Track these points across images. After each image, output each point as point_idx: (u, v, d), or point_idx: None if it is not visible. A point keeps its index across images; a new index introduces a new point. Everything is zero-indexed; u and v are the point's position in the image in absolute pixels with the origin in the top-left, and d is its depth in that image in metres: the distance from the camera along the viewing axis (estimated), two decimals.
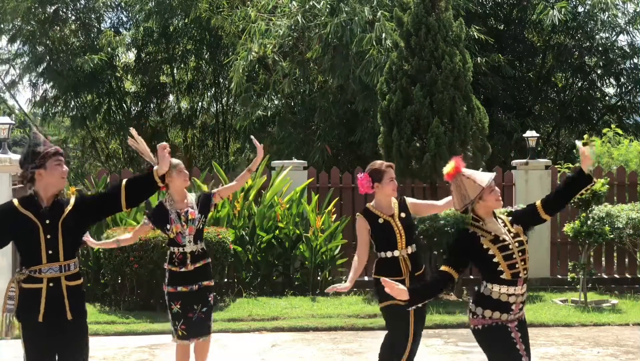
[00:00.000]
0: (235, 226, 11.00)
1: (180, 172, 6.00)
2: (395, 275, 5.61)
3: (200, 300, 6.02)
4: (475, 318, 4.53)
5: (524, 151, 13.02)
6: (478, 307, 4.52)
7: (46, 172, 4.42)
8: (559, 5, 16.07)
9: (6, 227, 4.42)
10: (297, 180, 11.73)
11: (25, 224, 4.40)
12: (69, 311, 4.43)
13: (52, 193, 4.47)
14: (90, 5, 19.49)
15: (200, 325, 6.04)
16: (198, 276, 6.02)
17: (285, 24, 14.75)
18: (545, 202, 4.61)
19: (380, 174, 5.72)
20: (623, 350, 8.09)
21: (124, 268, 9.94)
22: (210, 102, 21.10)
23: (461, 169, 4.59)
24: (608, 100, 19.53)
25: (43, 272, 4.40)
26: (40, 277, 4.40)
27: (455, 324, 9.24)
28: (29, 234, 4.39)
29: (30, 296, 4.40)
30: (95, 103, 19.49)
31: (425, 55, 10.63)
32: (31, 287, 4.40)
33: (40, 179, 4.43)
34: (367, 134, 14.78)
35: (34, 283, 4.41)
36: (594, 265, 11.64)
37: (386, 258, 5.65)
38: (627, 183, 12.36)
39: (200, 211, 6.06)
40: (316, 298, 10.75)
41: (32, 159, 4.44)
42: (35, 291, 4.40)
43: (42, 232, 4.39)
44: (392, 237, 5.67)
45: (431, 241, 10.31)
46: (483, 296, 4.52)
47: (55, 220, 4.42)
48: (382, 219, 5.70)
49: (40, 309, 4.38)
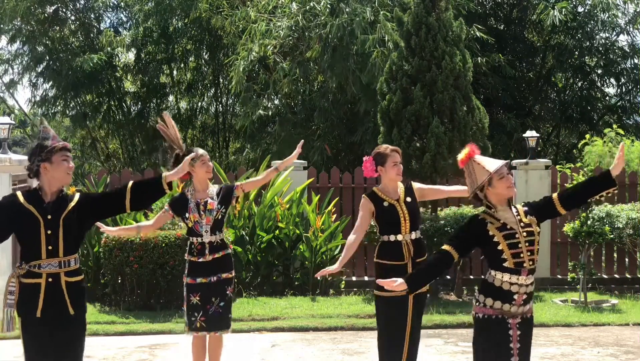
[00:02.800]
0: (235, 226, 11.00)
1: (203, 164, 6.08)
2: (397, 260, 5.60)
3: (219, 293, 6.02)
4: (478, 305, 4.53)
5: (524, 151, 13.02)
6: (481, 295, 4.52)
7: (52, 167, 4.41)
8: (559, 6, 16.06)
9: (8, 220, 4.40)
10: (297, 180, 11.73)
11: (27, 218, 4.38)
12: (70, 306, 4.41)
13: (56, 188, 4.45)
14: (89, 5, 19.48)
15: (218, 319, 6.04)
16: (217, 268, 6.03)
17: (286, 24, 14.74)
18: (562, 196, 4.59)
19: (383, 157, 5.70)
20: (623, 350, 8.10)
21: (124, 268, 9.93)
22: (210, 102, 21.09)
23: (474, 155, 4.59)
24: (608, 100, 19.52)
25: (42, 267, 4.39)
26: (39, 272, 4.39)
27: (455, 324, 9.24)
28: (30, 228, 4.37)
29: (29, 291, 4.39)
30: (95, 103, 19.48)
31: (426, 55, 10.63)
32: (30, 282, 4.39)
33: (46, 172, 4.41)
34: (367, 134, 14.78)
35: (33, 278, 4.39)
36: (594, 265, 11.64)
37: (389, 241, 5.63)
38: (627, 183, 12.36)
39: (220, 202, 6.09)
40: (316, 298, 10.75)
41: (39, 152, 4.43)
42: (34, 286, 4.39)
43: (43, 227, 4.37)
44: (396, 221, 5.64)
45: (431, 241, 10.30)
46: (487, 284, 4.51)
47: (57, 216, 4.40)
48: (387, 203, 5.67)
49: (38, 304, 4.37)
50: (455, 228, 10.31)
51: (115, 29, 19.74)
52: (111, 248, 9.99)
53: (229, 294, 6.09)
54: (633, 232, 10.65)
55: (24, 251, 4.47)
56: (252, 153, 18.70)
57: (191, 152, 6.03)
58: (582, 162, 13.76)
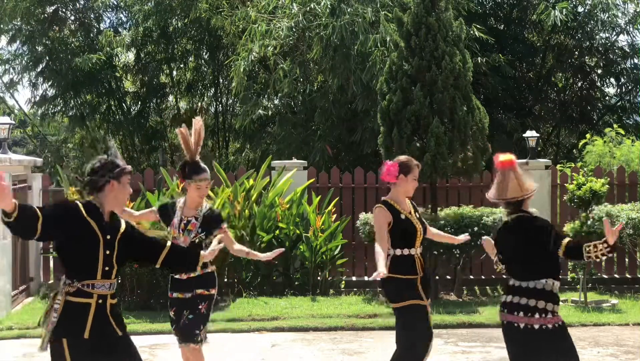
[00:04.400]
0: (235, 226, 10.99)
1: (198, 188, 5.82)
2: (410, 274, 5.57)
3: (190, 307, 5.86)
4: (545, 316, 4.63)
5: (524, 151, 13.01)
6: (549, 303, 4.63)
7: (119, 186, 4.27)
8: (559, 6, 16.06)
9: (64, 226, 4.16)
10: (297, 180, 11.73)
11: (88, 233, 4.20)
12: (116, 327, 4.28)
13: (111, 209, 4.31)
14: (89, 5, 19.48)
15: (185, 331, 5.87)
16: (194, 285, 5.88)
17: (286, 25, 14.73)
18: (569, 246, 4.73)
19: (409, 168, 5.69)
20: (623, 350, 8.09)
21: (124, 268, 9.93)
22: (210, 102, 21.08)
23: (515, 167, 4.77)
24: (608, 100, 19.53)
25: (96, 288, 4.22)
26: (91, 292, 4.21)
27: (455, 324, 9.24)
28: (90, 245, 4.20)
29: (77, 310, 4.18)
30: (95, 103, 19.48)
31: (425, 55, 10.62)
32: (80, 301, 4.18)
33: (111, 190, 4.26)
34: (368, 134, 14.77)
35: (83, 298, 4.19)
36: (594, 265, 11.64)
37: (402, 255, 5.58)
38: (627, 183, 12.36)
39: (202, 226, 5.85)
40: (316, 298, 10.75)
41: (112, 168, 4.28)
42: (84, 306, 4.19)
43: (102, 246, 4.22)
44: (413, 234, 5.63)
45: (431, 241, 10.27)
46: (551, 293, 4.67)
47: (113, 237, 4.26)
48: (404, 215, 5.63)
49: (87, 325, 4.17)
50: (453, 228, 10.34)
51: (115, 29, 19.72)
52: None
53: (201, 309, 5.87)
54: (633, 232, 10.64)
55: (76, 268, 4.24)
56: (252, 153, 18.71)
57: (198, 168, 5.85)
58: (582, 162, 13.76)
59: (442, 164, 10.36)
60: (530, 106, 18.36)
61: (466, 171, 10.83)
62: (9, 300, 10.08)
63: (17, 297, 10.66)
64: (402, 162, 5.72)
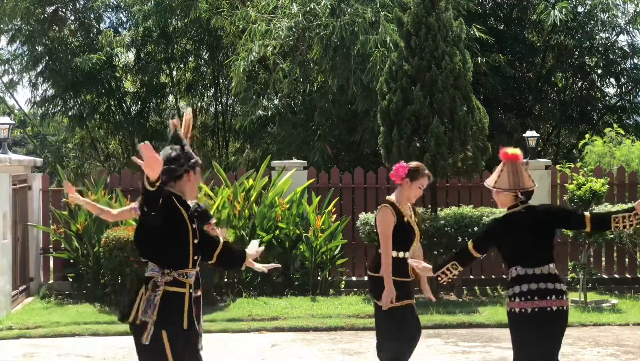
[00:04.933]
0: (235, 226, 10.99)
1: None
2: (405, 276, 5.68)
3: None
4: (565, 298, 4.80)
5: (524, 151, 12.98)
6: (564, 285, 4.86)
7: (194, 177, 4.31)
8: (559, 6, 16.05)
9: (164, 213, 4.10)
10: (297, 180, 11.73)
11: (181, 221, 4.21)
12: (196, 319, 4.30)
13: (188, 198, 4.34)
14: (89, 5, 19.47)
15: None
16: None
17: (286, 25, 14.73)
18: None
19: (417, 175, 5.73)
20: (623, 350, 8.10)
21: (124, 268, 9.93)
22: (210, 102, 21.08)
23: (520, 160, 4.87)
24: (608, 100, 19.51)
25: (189, 277, 4.22)
26: (185, 281, 4.20)
27: (455, 324, 9.24)
28: (183, 234, 4.20)
29: (174, 300, 4.17)
30: (94, 103, 19.47)
31: (425, 55, 10.62)
32: (176, 290, 4.19)
33: (188, 180, 4.28)
34: (367, 134, 14.76)
35: (179, 287, 4.19)
36: (594, 265, 11.64)
37: (398, 258, 5.66)
38: (627, 183, 12.36)
39: None
40: (316, 298, 10.75)
41: (189, 158, 4.31)
42: (180, 295, 4.18)
43: (191, 235, 4.24)
44: (411, 238, 5.73)
45: (431, 241, 10.30)
46: None
47: (197, 226, 4.29)
48: (406, 219, 5.72)
49: (184, 315, 4.16)
50: (453, 228, 10.35)
51: (115, 29, 19.71)
52: (111, 248, 9.98)
53: None
54: (633, 232, 10.64)
55: (172, 257, 4.21)
56: (252, 153, 18.69)
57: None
58: (582, 162, 13.75)
59: (442, 164, 10.36)
60: (530, 106, 18.35)
61: (466, 171, 10.83)
62: (9, 300, 10.08)
63: (17, 297, 10.66)
64: (412, 167, 5.77)
